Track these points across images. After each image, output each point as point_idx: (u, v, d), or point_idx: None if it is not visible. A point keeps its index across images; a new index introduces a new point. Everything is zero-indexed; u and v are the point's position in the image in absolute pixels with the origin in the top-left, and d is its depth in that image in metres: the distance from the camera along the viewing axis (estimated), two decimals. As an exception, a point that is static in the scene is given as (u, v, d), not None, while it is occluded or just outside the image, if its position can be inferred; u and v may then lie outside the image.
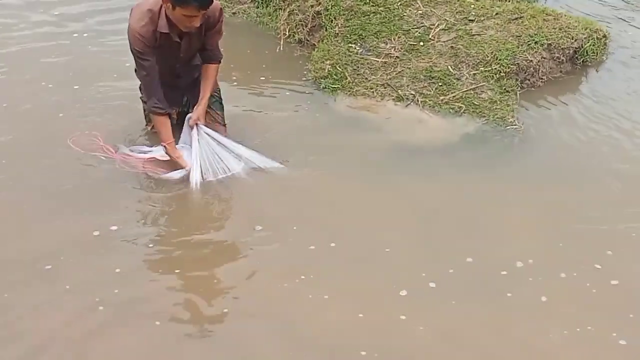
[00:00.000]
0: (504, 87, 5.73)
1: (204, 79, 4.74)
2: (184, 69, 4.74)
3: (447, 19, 6.23)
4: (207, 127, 4.76)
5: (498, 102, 5.59)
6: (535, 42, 5.98)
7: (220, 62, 4.77)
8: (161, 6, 4.23)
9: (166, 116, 4.61)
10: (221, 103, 5.03)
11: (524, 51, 5.92)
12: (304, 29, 6.50)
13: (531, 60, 5.90)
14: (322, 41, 6.25)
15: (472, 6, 6.40)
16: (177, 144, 4.75)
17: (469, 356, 3.60)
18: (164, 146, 4.66)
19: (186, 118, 4.75)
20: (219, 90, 5.03)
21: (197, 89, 4.78)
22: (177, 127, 4.83)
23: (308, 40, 6.47)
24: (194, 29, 4.31)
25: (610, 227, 4.46)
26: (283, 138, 5.20)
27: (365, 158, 5.07)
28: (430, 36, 6.09)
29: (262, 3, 6.96)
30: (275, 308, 3.84)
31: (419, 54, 5.98)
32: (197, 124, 4.69)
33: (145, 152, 4.85)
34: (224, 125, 5.03)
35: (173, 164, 4.72)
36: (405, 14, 6.29)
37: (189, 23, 4.20)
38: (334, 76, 5.84)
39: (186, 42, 4.47)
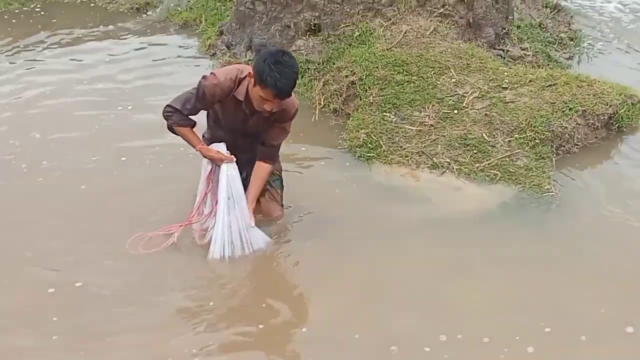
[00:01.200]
0: (539, 154, 5.73)
1: (255, 177, 4.69)
2: (247, 142, 4.68)
3: (481, 86, 6.29)
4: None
5: (534, 169, 5.59)
6: (570, 109, 6.00)
7: (274, 164, 4.76)
8: (247, 76, 4.32)
9: (190, 127, 4.58)
10: (282, 183, 5.01)
11: (559, 118, 5.94)
12: (338, 99, 6.60)
13: (566, 127, 5.91)
14: (357, 110, 6.33)
15: (506, 74, 6.46)
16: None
17: None
18: (199, 149, 4.58)
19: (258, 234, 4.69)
20: (281, 170, 5.02)
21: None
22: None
23: (343, 110, 6.56)
24: (266, 113, 4.32)
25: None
26: (321, 209, 5.22)
27: (403, 231, 5.03)
28: (464, 104, 6.15)
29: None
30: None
31: (453, 121, 6.02)
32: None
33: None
34: (282, 205, 5.02)
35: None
36: (438, 82, 6.37)
37: (263, 104, 4.24)
38: (369, 145, 5.89)
39: (255, 119, 4.48)
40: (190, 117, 4.55)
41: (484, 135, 5.85)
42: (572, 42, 8.12)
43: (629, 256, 4.79)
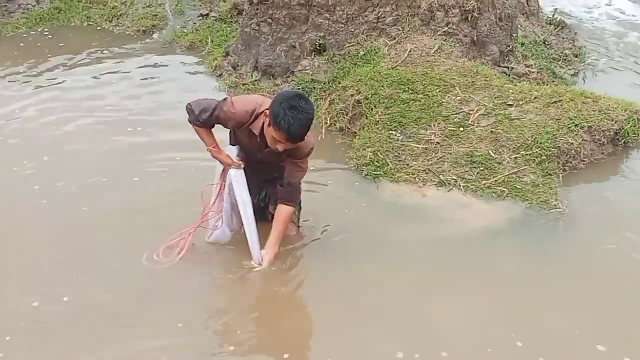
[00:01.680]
0: (545, 170, 5.75)
1: (276, 220, 4.65)
2: (265, 165, 4.72)
3: (486, 104, 6.32)
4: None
5: (540, 185, 5.60)
6: (576, 125, 6.03)
7: (299, 210, 4.78)
8: (264, 111, 4.31)
9: (208, 128, 4.59)
10: (300, 203, 4.98)
11: (565, 134, 5.96)
12: (344, 118, 6.64)
13: (572, 143, 5.94)
14: (363, 129, 6.36)
15: (511, 91, 6.49)
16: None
17: None
18: (209, 150, 4.62)
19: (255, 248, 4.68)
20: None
21: (277, 186, 4.72)
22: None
23: (349, 128, 6.59)
24: (278, 151, 4.33)
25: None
26: (331, 229, 5.23)
27: (411, 252, 5.02)
28: (469, 121, 6.17)
29: (303, 93, 7.14)
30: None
31: (459, 139, 6.05)
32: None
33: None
34: (298, 226, 5.04)
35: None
36: (444, 100, 6.40)
37: (275, 144, 4.26)
38: (376, 163, 5.92)
39: (268, 152, 4.48)
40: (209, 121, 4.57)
41: (490, 152, 5.87)
42: (576, 59, 8.17)
43: (623, 280, 4.76)
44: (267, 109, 4.22)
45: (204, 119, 4.49)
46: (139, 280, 4.68)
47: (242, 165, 4.64)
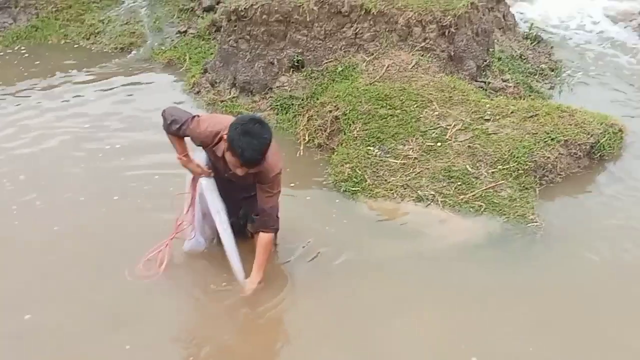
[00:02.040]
0: (523, 185, 5.78)
1: (258, 247, 4.62)
2: (237, 186, 4.69)
3: (463, 119, 6.35)
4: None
5: (518, 199, 5.62)
6: (552, 139, 6.07)
7: (276, 231, 4.71)
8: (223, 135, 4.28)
9: (181, 136, 4.58)
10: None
11: (541, 148, 6.00)
12: (323, 134, 6.64)
13: (548, 157, 5.97)
14: (341, 145, 6.37)
15: (488, 105, 6.53)
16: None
17: None
18: (179, 158, 4.62)
19: (240, 275, 4.66)
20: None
21: (255, 202, 4.67)
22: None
23: (327, 145, 6.60)
24: (239, 174, 4.28)
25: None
26: (312, 247, 5.23)
27: (391, 269, 5.04)
28: (447, 136, 6.20)
29: (281, 110, 7.16)
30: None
31: (437, 154, 6.07)
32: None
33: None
34: (275, 244, 4.98)
35: None
36: (422, 115, 6.42)
37: (234, 168, 4.24)
38: (354, 179, 5.92)
39: (235, 175, 4.39)
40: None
41: (467, 167, 5.89)
42: (552, 73, 8.22)
43: (595, 298, 4.78)
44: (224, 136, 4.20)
45: (173, 130, 4.51)
46: (111, 300, 4.67)
47: (212, 174, 4.65)
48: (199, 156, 4.69)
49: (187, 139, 4.59)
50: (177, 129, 4.48)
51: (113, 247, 5.15)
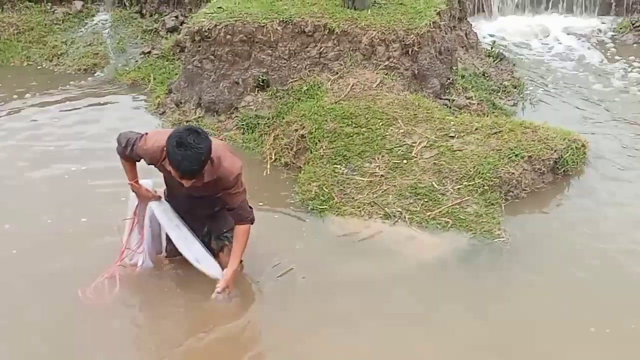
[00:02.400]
0: (488, 200, 5.82)
1: (234, 241, 4.64)
2: (202, 201, 4.68)
3: (429, 136, 6.39)
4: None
5: (484, 215, 5.66)
6: (516, 155, 6.13)
7: (251, 222, 4.66)
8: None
9: (133, 161, 4.61)
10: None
11: (506, 164, 6.06)
12: (289, 152, 6.64)
13: (513, 173, 6.03)
14: (308, 163, 6.38)
15: (452, 123, 6.58)
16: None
17: None
18: (130, 184, 4.69)
19: (216, 273, 4.67)
20: None
21: (219, 220, 4.74)
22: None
23: (294, 163, 6.60)
24: (187, 185, 4.25)
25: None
26: (276, 264, 5.23)
27: (359, 286, 5.04)
28: (413, 154, 6.23)
29: (247, 129, 7.16)
30: None
31: (403, 171, 6.10)
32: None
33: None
34: (241, 261, 4.89)
35: None
36: (387, 133, 6.45)
37: (179, 180, 4.21)
38: (321, 197, 5.93)
39: (192, 188, 4.36)
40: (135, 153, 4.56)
41: (433, 183, 5.92)
42: (515, 90, 8.33)
43: (551, 311, 4.81)
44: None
45: (126, 154, 4.52)
46: (61, 327, 4.63)
47: (162, 198, 4.74)
48: (146, 182, 4.76)
49: (139, 165, 4.64)
50: (130, 151, 4.48)
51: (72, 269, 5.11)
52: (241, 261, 4.89)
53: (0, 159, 6.87)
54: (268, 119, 7.15)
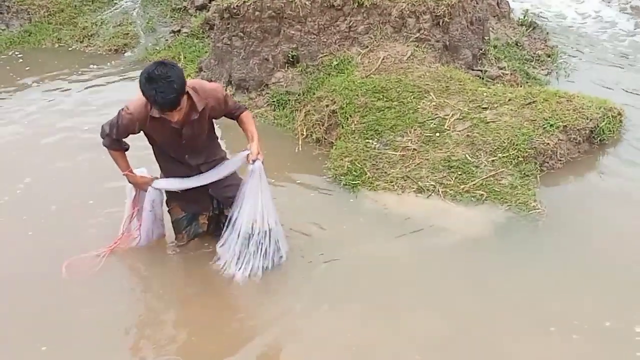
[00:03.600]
0: (523, 172, 5.75)
1: (248, 124, 4.71)
2: (199, 157, 4.70)
3: (461, 108, 6.31)
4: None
5: (519, 187, 5.59)
6: (551, 125, 6.03)
7: (247, 109, 4.77)
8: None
9: (122, 151, 4.65)
10: None
11: (540, 135, 5.97)
12: (320, 128, 6.61)
13: (548, 143, 5.94)
14: (340, 139, 6.34)
15: (485, 94, 6.49)
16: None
17: None
18: (126, 174, 4.71)
19: (241, 157, 4.65)
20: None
21: (227, 189, 4.78)
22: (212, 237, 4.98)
23: (325, 139, 6.56)
24: (185, 117, 4.35)
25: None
26: (310, 241, 5.20)
27: (397, 262, 4.99)
28: (445, 126, 6.17)
29: (278, 106, 7.13)
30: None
31: (436, 144, 6.04)
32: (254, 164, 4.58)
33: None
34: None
35: None
36: (419, 106, 6.39)
37: (171, 118, 4.28)
38: (354, 172, 5.89)
39: (188, 129, 4.46)
40: (122, 140, 4.61)
41: (467, 156, 5.86)
42: (549, 59, 8.20)
43: (593, 283, 4.72)
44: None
45: (114, 138, 4.55)
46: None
47: (154, 178, 4.78)
48: (140, 170, 4.81)
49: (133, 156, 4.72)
50: (116, 131, 4.51)
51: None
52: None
53: (31, 140, 6.94)
54: (298, 95, 7.12)
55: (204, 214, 4.98)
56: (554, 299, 4.53)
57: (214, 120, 4.69)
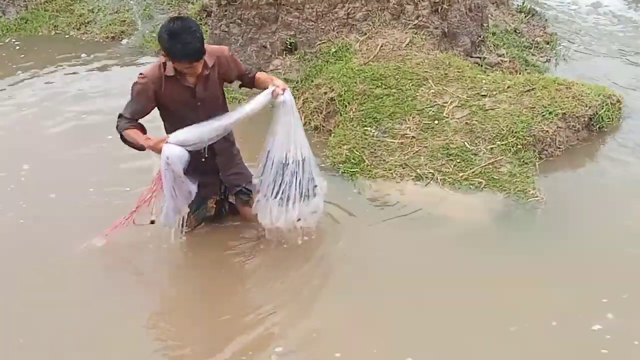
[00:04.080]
0: (522, 160, 5.74)
1: (263, 78, 4.72)
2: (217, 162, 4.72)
3: (460, 95, 6.29)
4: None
5: (517, 174, 5.58)
6: (550, 113, 6.02)
7: (259, 70, 4.80)
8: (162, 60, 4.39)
9: (137, 126, 4.51)
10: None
11: (539, 122, 5.95)
12: (319, 116, 6.59)
13: (547, 131, 5.93)
14: (338, 126, 6.32)
15: (484, 81, 6.47)
16: None
17: None
18: (147, 143, 4.40)
19: (265, 92, 4.54)
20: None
21: (235, 173, 4.81)
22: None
23: (324, 127, 6.54)
24: (199, 74, 4.39)
25: None
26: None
27: (393, 250, 4.98)
28: (444, 114, 6.15)
29: (276, 93, 7.09)
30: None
31: (435, 132, 6.02)
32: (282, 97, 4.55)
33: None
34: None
35: None
36: (417, 94, 6.37)
37: (192, 70, 4.34)
38: (352, 160, 5.88)
39: (201, 87, 4.47)
40: (136, 120, 4.52)
41: (466, 144, 5.85)
42: (548, 46, 8.17)
43: (592, 271, 4.72)
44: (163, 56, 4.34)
45: (130, 111, 4.46)
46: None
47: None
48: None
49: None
50: (132, 108, 4.45)
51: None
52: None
53: (30, 126, 6.93)
54: (297, 83, 7.09)
55: (213, 198, 4.96)
56: (552, 289, 4.51)
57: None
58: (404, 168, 5.75)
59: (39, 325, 4.37)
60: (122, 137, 4.54)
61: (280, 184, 4.61)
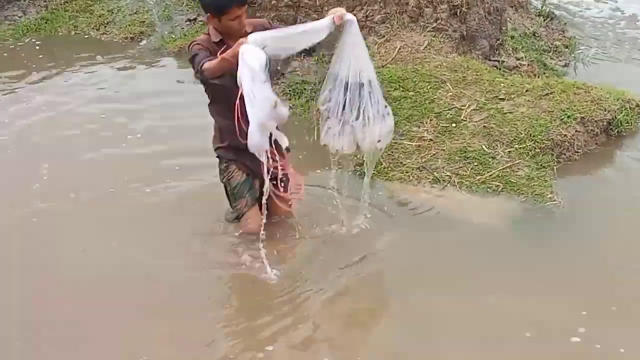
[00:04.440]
0: (540, 163, 5.72)
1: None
2: None
3: (478, 99, 6.29)
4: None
5: (535, 178, 5.57)
6: (568, 117, 6.01)
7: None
8: (206, 22, 4.48)
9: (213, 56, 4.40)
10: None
11: (557, 126, 5.94)
12: (336, 118, 6.57)
13: (565, 135, 5.91)
14: (355, 128, 6.30)
15: (502, 85, 6.47)
16: None
17: None
18: (221, 60, 4.23)
19: (326, 23, 4.45)
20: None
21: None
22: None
23: (341, 128, 6.53)
24: (245, 31, 4.31)
25: None
26: (327, 231, 5.18)
27: (410, 252, 4.97)
28: (462, 117, 6.15)
29: (294, 95, 7.12)
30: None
31: (452, 135, 6.02)
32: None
33: None
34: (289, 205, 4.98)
35: None
36: (435, 96, 6.37)
37: (239, 26, 4.35)
38: (369, 163, 5.87)
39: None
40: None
41: (483, 147, 5.84)
42: (567, 50, 8.15)
43: (610, 275, 4.70)
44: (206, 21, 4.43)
45: (202, 56, 4.38)
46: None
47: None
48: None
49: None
50: (200, 58, 4.36)
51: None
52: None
53: (48, 128, 6.94)
54: (314, 85, 7.09)
55: (258, 179, 4.83)
56: (564, 295, 4.50)
57: None
58: (421, 171, 5.75)
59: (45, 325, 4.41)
60: (202, 74, 4.39)
61: (359, 105, 4.47)
